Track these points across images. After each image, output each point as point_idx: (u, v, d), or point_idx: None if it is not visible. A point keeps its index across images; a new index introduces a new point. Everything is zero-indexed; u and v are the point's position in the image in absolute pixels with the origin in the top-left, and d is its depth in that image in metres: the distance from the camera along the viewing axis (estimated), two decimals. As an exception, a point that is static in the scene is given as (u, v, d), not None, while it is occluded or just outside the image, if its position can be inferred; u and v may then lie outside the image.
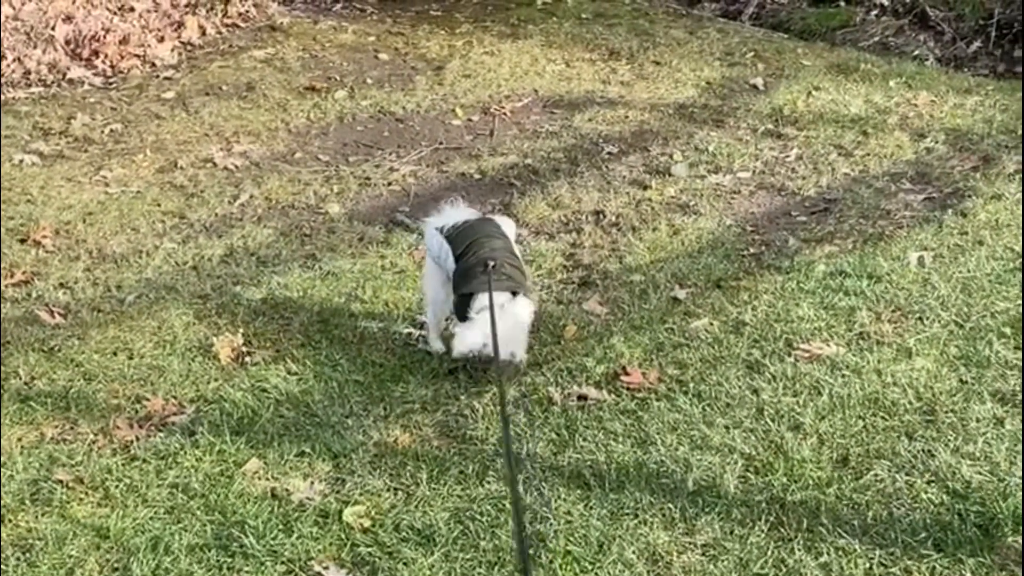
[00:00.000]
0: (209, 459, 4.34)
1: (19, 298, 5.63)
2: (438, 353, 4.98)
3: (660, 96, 8.13)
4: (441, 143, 7.52)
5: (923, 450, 4.20)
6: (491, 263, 4.63)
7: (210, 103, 8.27)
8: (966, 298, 5.17)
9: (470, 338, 4.53)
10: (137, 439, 4.48)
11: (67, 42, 8.98)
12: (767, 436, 4.32)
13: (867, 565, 3.69)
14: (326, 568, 3.79)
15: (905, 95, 7.82)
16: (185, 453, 4.37)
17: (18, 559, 3.87)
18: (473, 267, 4.68)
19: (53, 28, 8.96)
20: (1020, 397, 4.44)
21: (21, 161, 7.31)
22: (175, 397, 4.77)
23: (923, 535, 3.79)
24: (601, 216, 6.30)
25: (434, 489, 4.13)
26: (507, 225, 5.11)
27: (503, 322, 4.40)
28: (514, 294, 4.65)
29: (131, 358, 5.07)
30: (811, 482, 4.06)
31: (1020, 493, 3.92)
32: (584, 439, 4.37)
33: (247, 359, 5.03)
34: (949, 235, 5.77)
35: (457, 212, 5.05)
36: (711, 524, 3.89)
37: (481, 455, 4.31)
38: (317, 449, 4.36)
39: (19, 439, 4.50)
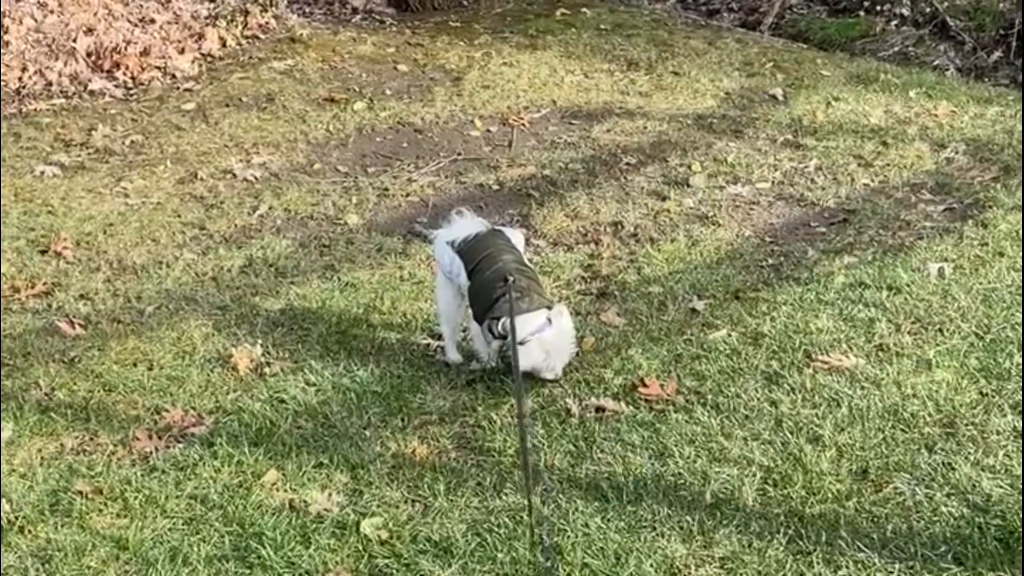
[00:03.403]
0: (227, 470, 4.35)
1: (39, 309, 5.66)
2: (455, 364, 4.99)
3: (679, 107, 8.12)
4: (459, 154, 7.54)
5: (943, 463, 4.17)
6: (510, 278, 4.68)
7: (230, 114, 8.31)
8: (986, 310, 5.14)
9: (533, 357, 4.62)
10: (156, 450, 4.50)
11: (88, 54, 9.04)
12: (785, 448, 4.30)
13: (886, 579, 3.68)
14: (343, 580, 3.80)
15: (925, 105, 7.80)
16: (204, 464, 4.39)
17: (37, 570, 3.89)
18: (490, 282, 4.70)
19: (75, 40, 9.04)
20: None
21: (42, 172, 7.36)
22: (194, 408, 4.78)
23: (943, 549, 3.76)
24: (619, 227, 6.29)
25: (451, 501, 4.13)
26: (516, 237, 5.12)
27: (557, 336, 4.68)
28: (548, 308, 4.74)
29: (150, 369, 5.09)
30: (830, 495, 4.04)
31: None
32: (602, 451, 4.36)
33: (265, 370, 5.05)
34: (969, 246, 5.75)
35: (466, 224, 5.05)
36: (729, 537, 3.87)
37: (499, 467, 4.30)
38: (335, 460, 4.37)
39: (39, 450, 4.52)
